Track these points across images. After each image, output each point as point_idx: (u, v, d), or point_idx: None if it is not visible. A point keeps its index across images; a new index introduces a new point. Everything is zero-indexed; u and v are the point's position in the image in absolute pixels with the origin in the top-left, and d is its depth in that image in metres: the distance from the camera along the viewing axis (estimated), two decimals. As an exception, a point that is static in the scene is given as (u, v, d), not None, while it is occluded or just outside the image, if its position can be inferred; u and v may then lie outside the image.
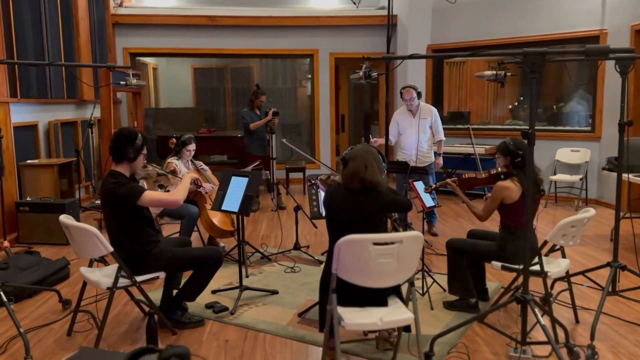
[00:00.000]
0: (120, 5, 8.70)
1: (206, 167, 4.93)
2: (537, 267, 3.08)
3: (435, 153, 5.51)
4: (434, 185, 3.64)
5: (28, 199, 5.34)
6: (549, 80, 8.85)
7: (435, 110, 5.48)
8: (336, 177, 3.12)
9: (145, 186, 3.35)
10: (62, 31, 6.77)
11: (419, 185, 3.73)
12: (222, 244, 5.03)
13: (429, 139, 5.46)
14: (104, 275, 3.11)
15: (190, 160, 4.86)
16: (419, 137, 5.35)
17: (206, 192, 4.45)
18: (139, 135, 3.09)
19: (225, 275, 4.24)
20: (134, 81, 3.75)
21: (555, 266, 3.25)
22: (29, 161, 5.73)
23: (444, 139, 5.54)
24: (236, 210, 3.56)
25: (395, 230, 4.85)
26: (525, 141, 2.56)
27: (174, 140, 4.86)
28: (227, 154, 8.22)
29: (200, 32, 8.77)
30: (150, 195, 2.99)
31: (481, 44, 7.82)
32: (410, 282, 2.58)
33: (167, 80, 11.59)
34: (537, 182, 3.28)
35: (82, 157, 6.69)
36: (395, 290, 2.70)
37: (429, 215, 5.45)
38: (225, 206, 3.65)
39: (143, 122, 7.41)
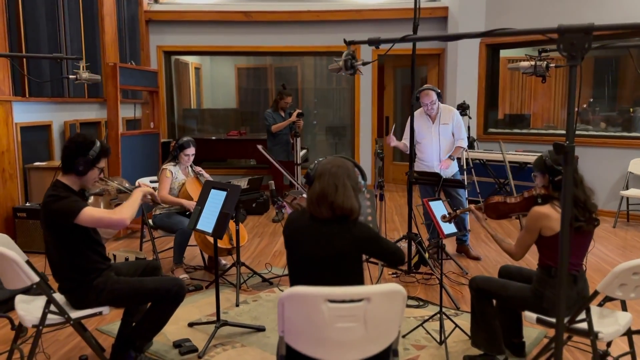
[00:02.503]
0: (157, 1, 8.38)
1: (207, 175, 4.38)
2: (584, 325, 2.29)
3: (450, 156, 4.48)
4: (452, 214, 2.87)
5: (27, 204, 5.01)
6: (626, 79, 7.72)
7: (456, 112, 4.56)
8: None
9: (102, 205, 2.81)
10: (84, 27, 6.46)
11: (437, 207, 2.98)
12: (223, 262, 4.46)
13: (451, 143, 4.52)
14: (40, 307, 2.59)
15: (190, 166, 4.33)
16: (440, 146, 4.48)
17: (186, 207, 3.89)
18: (96, 145, 2.56)
19: (214, 303, 3.65)
20: (85, 75, 3.25)
21: (610, 323, 2.42)
22: (36, 163, 5.42)
23: (464, 147, 4.58)
24: (210, 231, 2.97)
25: (421, 256, 4.12)
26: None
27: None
28: (256, 158, 7.68)
29: (235, 29, 8.29)
30: (91, 212, 2.45)
31: (542, 39, 6.83)
32: (394, 351, 1.87)
33: (210, 80, 11.28)
34: (587, 208, 2.47)
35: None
36: (380, 356, 1.99)
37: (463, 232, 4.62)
38: (200, 225, 3.06)
39: (166, 124, 7.01)
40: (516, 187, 6.28)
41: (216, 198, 3.07)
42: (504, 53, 7.78)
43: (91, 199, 2.69)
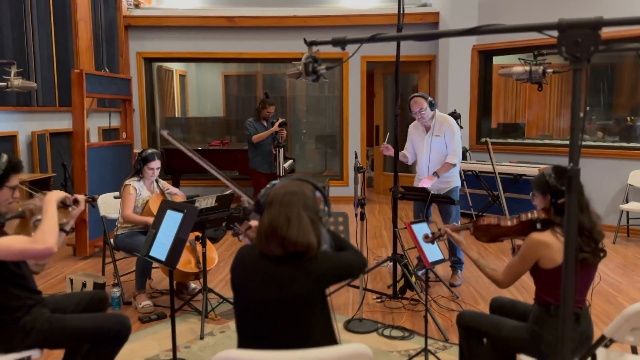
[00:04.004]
0: (137, 6, 8.06)
1: (176, 190, 4.03)
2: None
3: (434, 173, 4.03)
4: (436, 234, 2.53)
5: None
6: (623, 86, 7.43)
7: (452, 122, 4.12)
8: None
9: (29, 227, 2.45)
10: (55, 32, 6.14)
11: (420, 229, 2.64)
12: (193, 285, 4.10)
13: (444, 157, 4.08)
14: (-41, 352, 2.24)
15: (155, 181, 3.99)
16: (430, 159, 4.11)
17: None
18: (1, 160, 2.21)
19: (178, 334, 3.29)
20: (17, 82, 2.91)
21: (620, 370, 2.09)
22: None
23: (454, 163, 4.04)
24: (163, 258, 2.61)
25: (407, 282, 3.78)
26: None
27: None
28: (238, 170, 7.33)
29: (219, 35, 7.98)
30: (8, 244, 2.08)
31: (538, 44, 6.53)
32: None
33: (196, 88, 10.96)
34: (593, 237, 2.13)
35: (69, 172, 5.99)
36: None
37: (453, 258, 4.22)
38: (154, 251, 2.70)
39: (147, 133, 6.65)
40: (510, 199, 5.95)
41: (173, 220, 2.72)
42: (497, 60, 7.49)
43: (8, 225, 2.31)
